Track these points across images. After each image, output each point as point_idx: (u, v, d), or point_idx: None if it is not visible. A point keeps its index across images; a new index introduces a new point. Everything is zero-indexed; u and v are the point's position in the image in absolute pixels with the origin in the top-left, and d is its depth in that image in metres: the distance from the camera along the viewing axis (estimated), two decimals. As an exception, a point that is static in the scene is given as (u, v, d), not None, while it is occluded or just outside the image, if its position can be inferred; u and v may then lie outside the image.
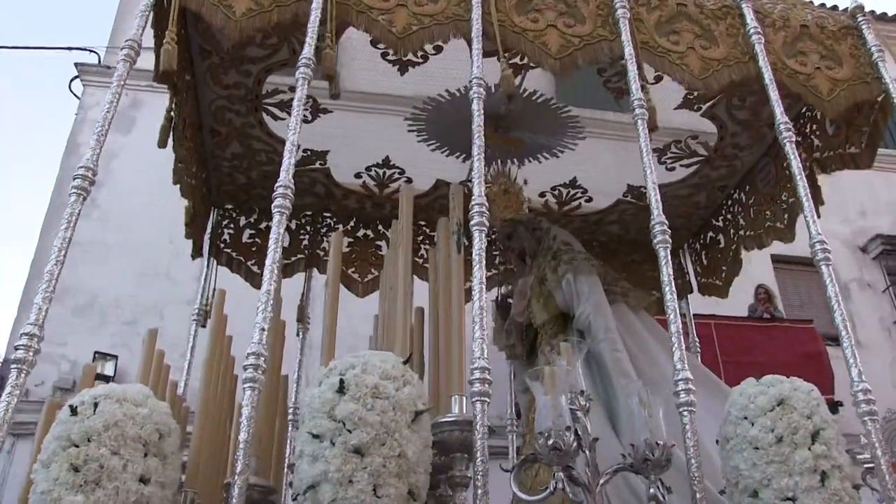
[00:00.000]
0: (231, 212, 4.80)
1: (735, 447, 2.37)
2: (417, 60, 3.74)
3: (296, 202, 2.66)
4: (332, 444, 1.91)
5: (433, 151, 4.63)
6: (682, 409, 2.40)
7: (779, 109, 3.18)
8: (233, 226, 4.78)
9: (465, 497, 2.23)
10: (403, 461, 1.91)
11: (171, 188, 3.95)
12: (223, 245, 4.71)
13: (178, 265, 7.49)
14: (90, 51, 9.36)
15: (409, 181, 4.78)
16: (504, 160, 4.58)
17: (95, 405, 2.01)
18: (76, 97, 9.10)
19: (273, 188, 2.52)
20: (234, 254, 4.72)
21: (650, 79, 3.51)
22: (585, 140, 4.64)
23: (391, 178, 4.80)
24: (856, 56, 3.57)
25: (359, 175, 4.77)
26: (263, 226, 4.75)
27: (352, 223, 5.02)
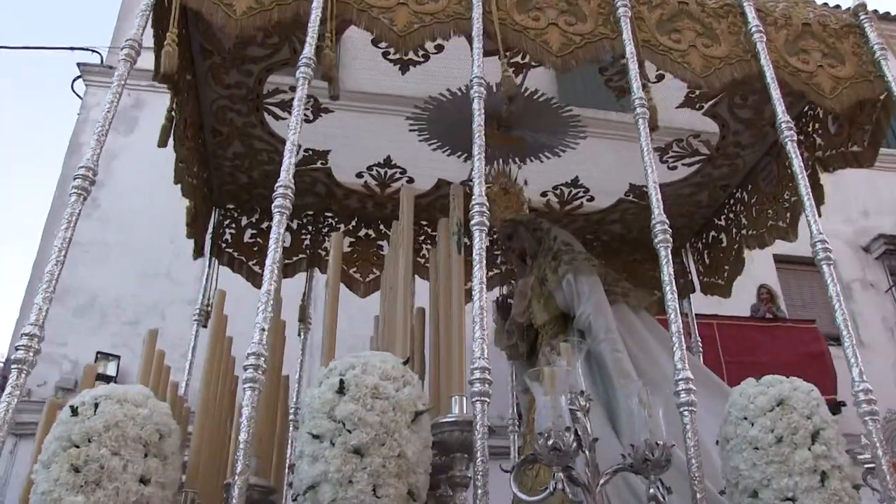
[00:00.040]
0: (233, 212, 4.79)
1: (735, 447, 2.37)
2: (419, 60, 3.74)
3: (297, 202, 2.65)
4: (332, 445, 1.91)
5: (434, 151, 4.62)
6: (683, 409, 2.39)
7: (780, 108, 3.17)
8: (234, 226, 4.77)
9: (466, 497, 2.23)
10: (403, 461, 1.91)
11: (173, 188, 3.95)
12: (224, 245, 4.71)
13: (180, 265, 7.49)
14: (93, 51, 9.38)
15: (411, 181, 4.78)
16: (506, 160, 4.58)
17: (96, 406, 2.01)
18: (79, 97, 9.11)
19: (274, 188, 2.52)
20: (236, 254, 4.72)
21: (652, 78, 3.52)
22: (587, 139, 4.63)
23: (393, 178, 4.80)
24: (858, 54, 3.56)
25: (360, 175, 4.77)
26: (265, 225, 4.74)
27: (353, 223, 5.01)
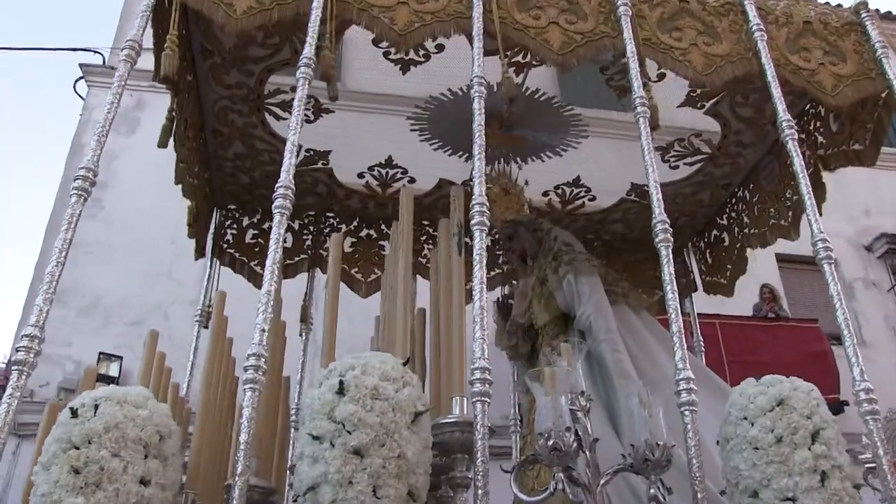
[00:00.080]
0: (234, 212, 4.79)
1: (735, 447, 2.36)
2: (419, 59, 3.74)
3: (298, 202, 2.65)
4: (332, 446, 1.91)
5: (436, 151, 4.62)
6: (684, 409, 2.38)
7: (781, 106, 3.17)
8: (236, 226, 4.77)
9: (466, 498, 2.22)
10: (403, 462, 1.91)
11: (176, 188, 3.95)
12: (226, 245, 4.71)
13: (183, 266, 7.47)
14: (95, 52, 9.39)
15: (412, 181, 4.78)
16: (507, 160, 4.57)
17: (96, 407, 2.00)
18: (81, 98, 9.12)
19: (275, 188, 2.52)
20: (237, 254, 4.72)
21: (653, 77, 3.51)
22: (589, 139, 4.62)
23: (394, 178, 4.79)
24: (860, 52, 3.56)
25: (361, 175, 4.77)
26: (266, 226, 4.73)
27: (355, 223, 5.01)
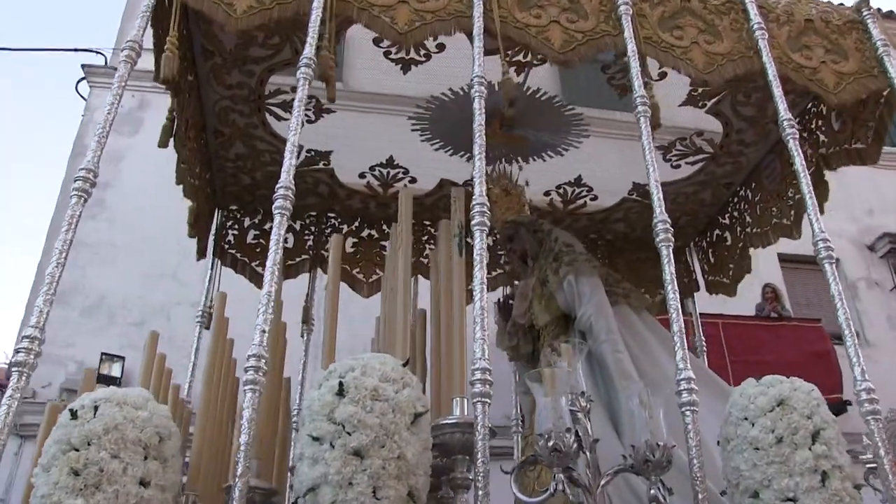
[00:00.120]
0: (235, 213, 4.79)
1: (735, 448, 2.35)
2: (420, 59, 3.73)
3: (300, 203, 2.64)
4: (332, 447, 1.91)
5: (437, 151, 4.61)
6: (685, 409, 2.38)
7: (782, 105, 3.16)
8: (237, 227, 4.77)
9: (467, 499, 2.22)
10: (403, 463, 1.91)
11: (180, 189, 3.95)
12: (227, 246, 4.70)
13: (186, 266, 7.48)
14: (96, 52, 9.40)
15: (414, 181, 4.77)
16: (508, 159, 4.56)
17: (95, 409, 2.00)
18: (83, 98, 9.12)
19: (275, 189, 2.51)
20: (239, 255, 4.71)
21: (654, 76, 3.50)
22: (590, 139, 4.61)
23: (395, 178, 4.79)
24: (861, 50, 3.55)
25: (363, 175, 4.76)
26: (268, 226, 4.72)
27: (356, 223, 5.00)
